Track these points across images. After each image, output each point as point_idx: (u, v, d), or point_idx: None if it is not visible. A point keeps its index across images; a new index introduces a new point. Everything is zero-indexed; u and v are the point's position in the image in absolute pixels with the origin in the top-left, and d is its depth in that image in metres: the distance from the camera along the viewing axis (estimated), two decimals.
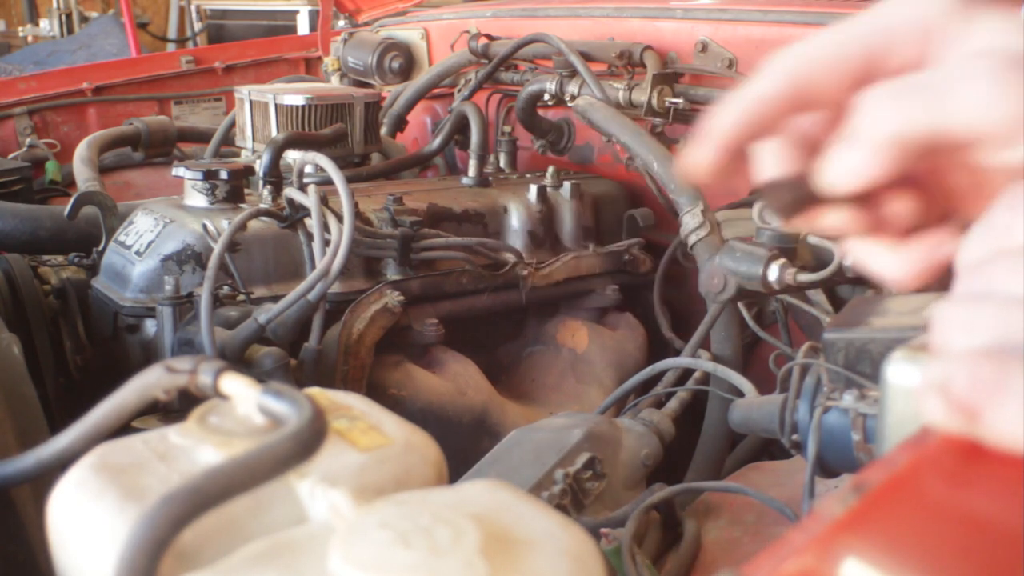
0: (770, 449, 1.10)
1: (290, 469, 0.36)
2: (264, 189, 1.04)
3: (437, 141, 1.39)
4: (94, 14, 4.91)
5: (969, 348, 0.26)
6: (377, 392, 1.01)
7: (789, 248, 0.94)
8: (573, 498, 0.67)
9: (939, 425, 0.27)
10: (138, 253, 0.99)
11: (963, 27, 0.31)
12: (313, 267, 0.96)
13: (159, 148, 1.54)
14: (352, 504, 0.36)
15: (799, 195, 0.33)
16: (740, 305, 1.09)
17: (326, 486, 0.37)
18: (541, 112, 1.48)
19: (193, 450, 0.41)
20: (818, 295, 1.03)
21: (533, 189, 1.23)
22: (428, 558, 0.32)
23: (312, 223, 0.96)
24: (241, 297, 0.95)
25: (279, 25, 4.23)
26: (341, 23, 2.00)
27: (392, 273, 1.07)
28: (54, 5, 4.78)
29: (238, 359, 0.89)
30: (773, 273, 0.91)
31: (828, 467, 0.64)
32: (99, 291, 1.01)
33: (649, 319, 1.27)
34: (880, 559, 0.26)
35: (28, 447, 0.46)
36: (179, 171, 1.04)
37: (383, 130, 1.47)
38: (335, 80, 1.77)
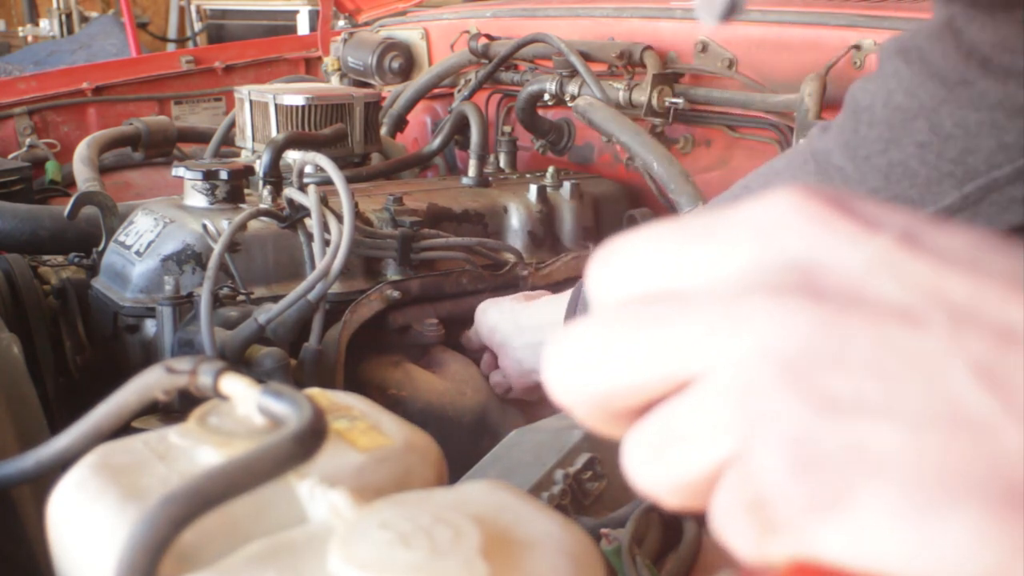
0: None
1: (290, 469, 0.36)
2: (264, 189, 1.04)
3: (437, 141, 1.39)
4: (94, 14, 4.91)
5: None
6: (377, 392, 1.01)
7: None
8: (573, 498, 0.67)
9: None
10: (138, 253, 0.99)
11: None
12: (313, 267, 0.96)
13: (159, 148, 1.54)
14: (352, 504, 0.36)
15: None
16: None
17: (326, 486, 0.37)
18: (541, 112, 1.48)
19: (193, 450, 0.41)
20: None
21: (533, 189, 1.23)
22: (428, 558, 0.32)
23: (312, 223, 0.96)
24: (241, 297, 0.95)
25: (279, 25, 4.23)
26: (341, 23, 2.00)
27: (392, 273, 1.07)
28: (54, 5, 4.78)
29: (238, 359, 0.89)
30: None
31: None
32: (99, 291, 1.01)
33: None
34: None
35: (28, 447, 0.46)
36: (179, 171, 1.04)
37: (383, 130, 1.47)
38: (335, 80, 1.77)
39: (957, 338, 0.22)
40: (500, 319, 1.02)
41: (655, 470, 0.25)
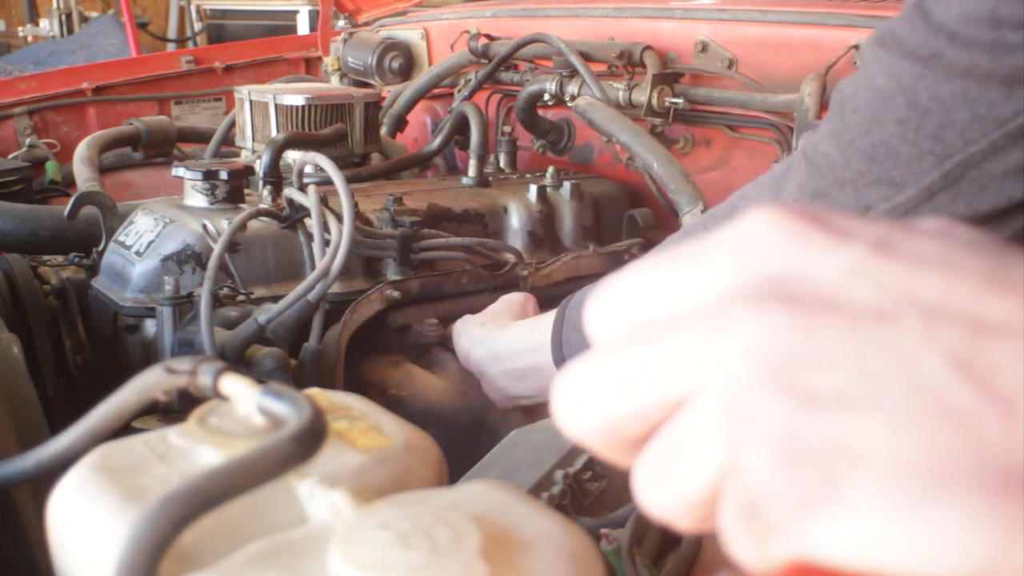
0: None
1: (290, 470, 0.36)
2: (264, 189, 1.04)
3: (437, 141, 1.39)
4: (94, 14, 4.91)
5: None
6: (377, 392, 1.01)
7: None
8: (573, 498, 0.67)
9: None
10: (138, 253, 0.99)
11: None
12: (313, 267, 0.96)
13: (159, 148, 1.54)
14: (352, 505, 0.36)
15: None
16: None
17: (326, 487, 0.37)
18: (541, 112, 1.48)
19: (193, 451, 0.41)
20: None
21: (533, 189, 1.23)
22: (428, 559, 0.32)
23: (312, 223, 0.96)
24: (241, 297, 0.95)
25: (279, 25, 4.24)
26: (341, 23, 2.00)
27: (392, 273, 1.07)
28: (54, 5, 4.78)
29: (238, 359, 0.89)
30: None
31: None
32: (99, 291, 1.01)
33: None
34: None
35: (28, 447, 0.46)
36: (179, 171, 1.04)
37: (383, 130, 1.47)
38: (335, 80, 1.77)
39: (931, 333, 0.22)
40: (472, 347, 1.00)
41: (661, 492, 0.25)
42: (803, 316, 0.23)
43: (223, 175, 1.03)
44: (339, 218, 0.94)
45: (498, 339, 0.98)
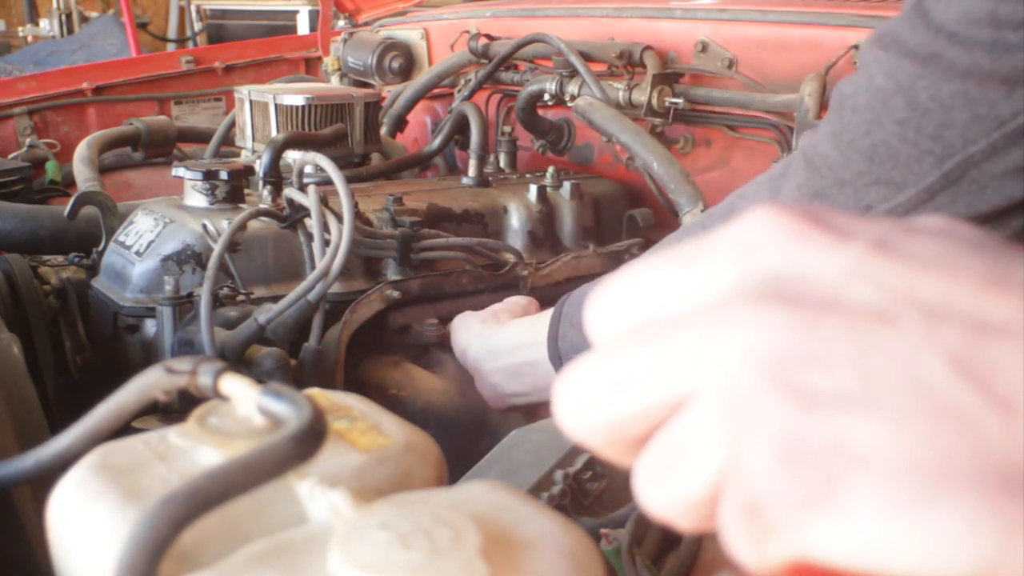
0: None
1: (290, 470, 0.36)
2: (264, 189, 1.04)
3: (437, 141, 1.39)
4: (94, 14, 4.91)
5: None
6: (377, 392, 1.01)
7: None
8: (573, 498, 0.67)
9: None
10: (138, 253, 0.99)
11: None
12: (313, 267, 0.96)
13: (159, 148, 1.54)
14: (352, 505, 0.36)
15: None
16: None
17: (326, 487, 0.37)
18: (541, 112, 1.48)
19: (193, 451, 0.41)
20: None
21: (533, 189, 1.23)
22: (428, 558, 0.32)
23: (312, 223, 0.96)
24: (241, 297, 0.95)
25: (279, 25, 4.24)
26: (341, 23, 2.00)
27: (392, 273, 1.07)
28: (54, 5, 4.78)
29: (238, 359, 0.89)
30: None
31: None
32: (99, 291, 1.01)
33: None
34: None
35: (28, 447, 0.46)
36: (179, 171, 1.04)
37: (383, 130, 1.47)
38: (335, 80, 1.77)
39: (931, 333, 0.22)
40: (471, 342, 1.00)
41: (662, 492, 0.25)
42: (803, 316, 0.23)
43: (223, 175, 1.03)
44: (339, 218, 0.94)
45: (496, 335, 0.98)
